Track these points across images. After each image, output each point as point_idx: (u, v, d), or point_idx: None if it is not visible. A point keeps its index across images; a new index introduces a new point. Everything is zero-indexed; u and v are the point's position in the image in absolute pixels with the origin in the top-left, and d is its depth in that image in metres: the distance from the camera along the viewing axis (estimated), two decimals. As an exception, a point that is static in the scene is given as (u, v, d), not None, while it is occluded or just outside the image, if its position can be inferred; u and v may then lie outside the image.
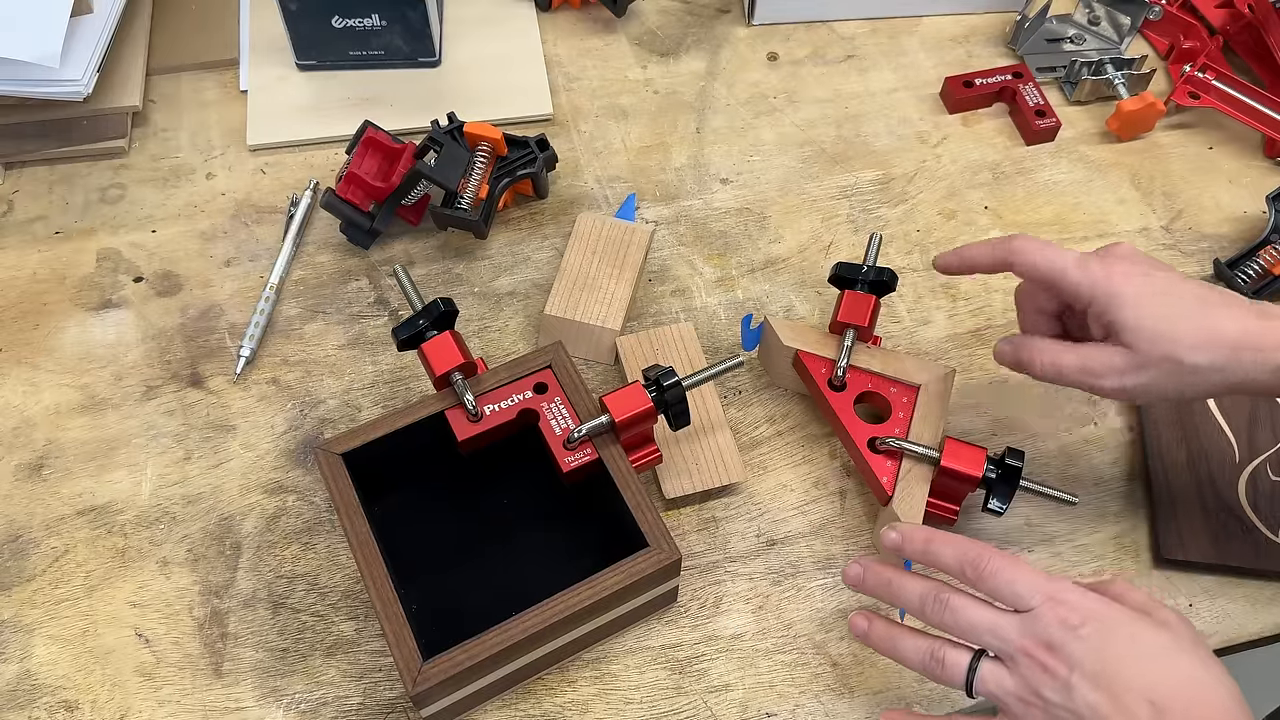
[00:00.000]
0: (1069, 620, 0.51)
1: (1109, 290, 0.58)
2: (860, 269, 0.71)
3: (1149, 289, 0.58)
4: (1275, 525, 0.69)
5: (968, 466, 0.64)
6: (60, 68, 0.81)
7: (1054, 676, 0.51)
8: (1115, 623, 0.51)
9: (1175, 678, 0.50)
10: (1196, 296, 0.58)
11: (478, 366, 0.65)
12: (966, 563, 0.55)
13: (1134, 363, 0.58)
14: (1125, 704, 0.49)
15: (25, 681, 0.64)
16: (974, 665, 0.54)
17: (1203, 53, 0.93)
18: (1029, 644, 0.52)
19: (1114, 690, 0.49)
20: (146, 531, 0.69)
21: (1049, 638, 0.51)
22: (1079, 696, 0.50)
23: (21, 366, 0.76)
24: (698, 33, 0.98)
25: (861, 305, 0.70)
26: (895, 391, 0.69)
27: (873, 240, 0.73)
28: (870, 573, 0.59)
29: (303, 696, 0.63)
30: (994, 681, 0.53)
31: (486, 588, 0.66)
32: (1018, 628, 0.52)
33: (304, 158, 0.88)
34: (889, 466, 0.67)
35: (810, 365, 0.71)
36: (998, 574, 0.54)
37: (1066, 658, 0.51)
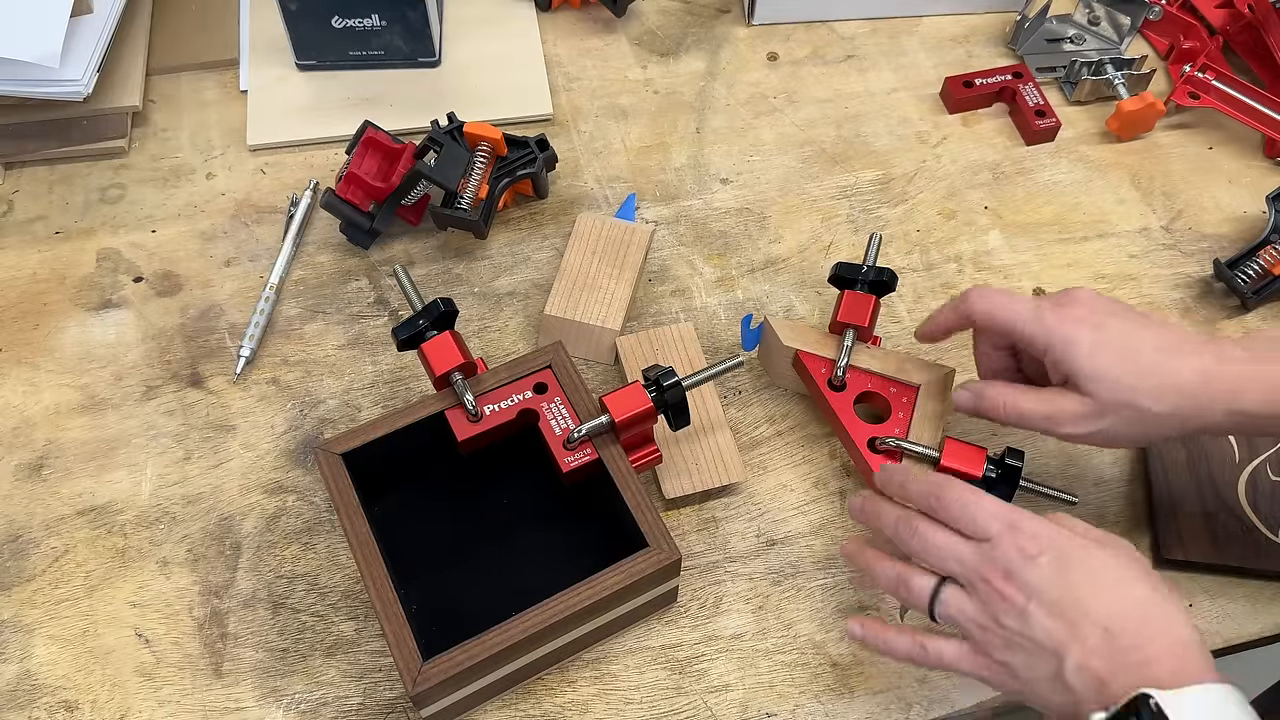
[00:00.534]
0: (1026, 549, 0.53)
1: (1065, 339, 0.59)
2: (860, 269, 0.71)
3: (1105, 338, 0.59)
4: (1275, 525, 0.69)
5: (968, 466, 0.65)
6: (60, 68, 0.81)
7: (1011, 604, 0.52)
8: (1070, 551, 0.53)
9: (1127, 603, 0.51)
10: (1155, 345, 0.59)
11: (478, 366, 0.65)
12: (930, 494, 0.57)
13: (1093, 410, 0.59)
14: (1080, 630, 0.50)
15: (25, 681, 0.64)
16: (938, 590, 0.56)
17: (1203, 53, 0.93)
18: (987, 571, 0.54)
19: (1069, 617, 0.51)
20: (146, 531, 0.69)
21: (1007, 566, 0.53)
22: (1035, 623, 0.51)
23: (21, 366, 0.76)
24: (698, 33, 0.98)
25: (861, 305, 0.70)
26: (895, 391, 0.69)
27: (872, 240, 0.73)
28: (868, 502, 0.62)
29: (303, 696, 0.63)
30: (955, 606, 0.55)
31: (486, 588, 0.66)
32: (977, 555, 0.54)
33: (304, 158, 0.88)
34: None
35: (810, 365, 0.71)
36: (957, 503, 0.56)
37: (1023, 585, 0.52)
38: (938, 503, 0.57)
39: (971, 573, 0.54)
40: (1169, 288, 0.82)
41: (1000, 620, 0.53)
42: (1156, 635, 0.50)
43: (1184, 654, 0.49)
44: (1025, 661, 0.52)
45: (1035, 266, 0.83)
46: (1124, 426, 0.59)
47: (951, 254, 0.84)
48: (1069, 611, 0.51)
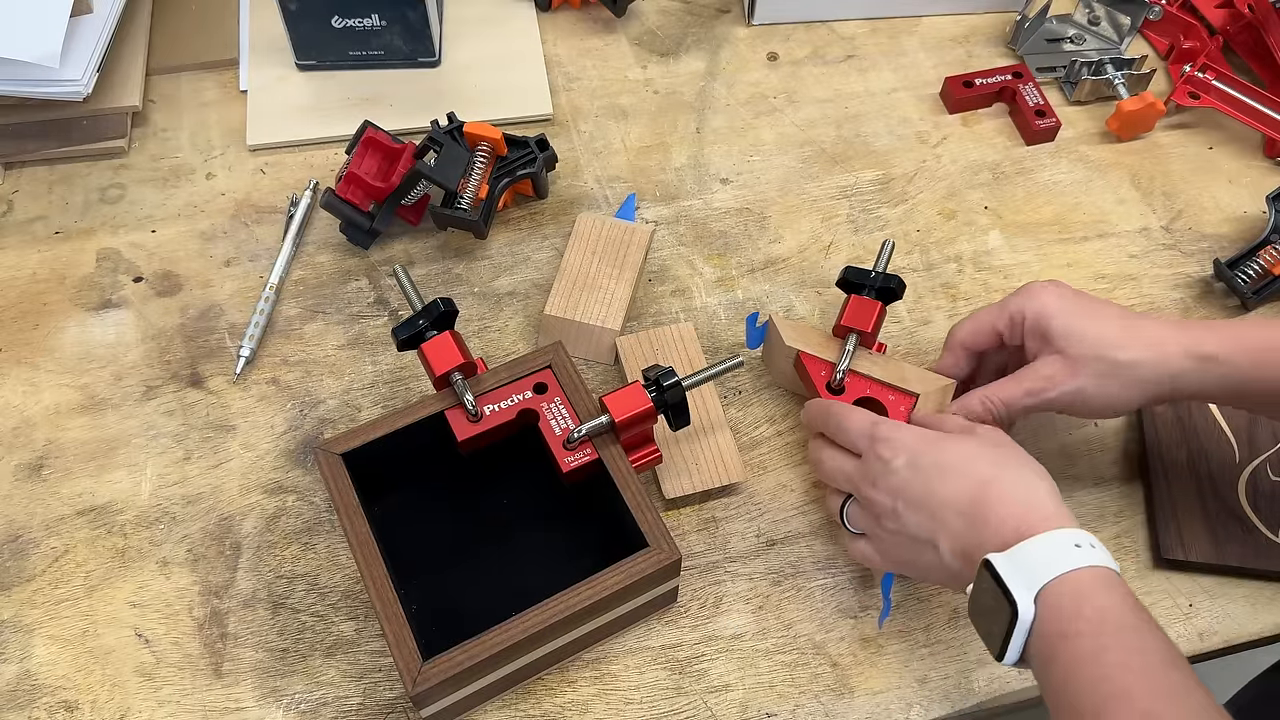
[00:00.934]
0: (885, 456, 0.59)
1: (1037, 308, 0.64)
2: (869, 274, 0.71)
3: (1073, 304, 0.64)
4: (1275, 525, 0.69)
5: None
6: (60, 68, 0.81)
7: (884, 508, 0.59)
8: (923, 449, 0.58)
9: (972, 484, 0.55)
10: (1118, 311, 0.63)
11: (478, 366, 0.65)
12: (816, 416, 0.65)
13: (1069, 368, 0.62)
14: (941, 518, 0.56)
15: (25, 681, 0.64)
16: (843, 505, 0.63)
17: (1203, 53, 0.93)
18: (861, 483, 0.60)
19: (930, 509, 0.56)
20: (146, 531, 0.69)
21: (873, 475, 0.59)
22: (907, 520, 0.57)
23: (21, 366, 0.76)
24: (698, 33, 0.98)
25: (867, 311, 0.70)
26: (893, 399, 0.69)
27: (884, 247, 0.73)
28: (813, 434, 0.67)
29: (303, 696, 0.63)
30: (854, 517, 0.63)
31: (486, 588, 0.66)
32: (854, 470, 0.61)
33: (304, 158, 0.88)
34: None
35: (810, 367, 0.71)
36: (833, 423, 0.63)
37: (889, 489, 0.58)
38: (825, 428, 0.64)
39: (853, 487, 0.61)
40: (1169, 288, 0.82)
41: (883, 523, 0.59)
42: (1000, 504, 0.54)
43: (1029, 513, 0.53)
44: (913, 555, 0.58)
45: (1035, 266, 0.83)
46: (1102, 382, 0.61)
47: (951, 254, 0.84)
48: (929, 504, 0.56)
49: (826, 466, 0.63)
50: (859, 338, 0.70)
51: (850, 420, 0.62)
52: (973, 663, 0.65)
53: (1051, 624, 0.50)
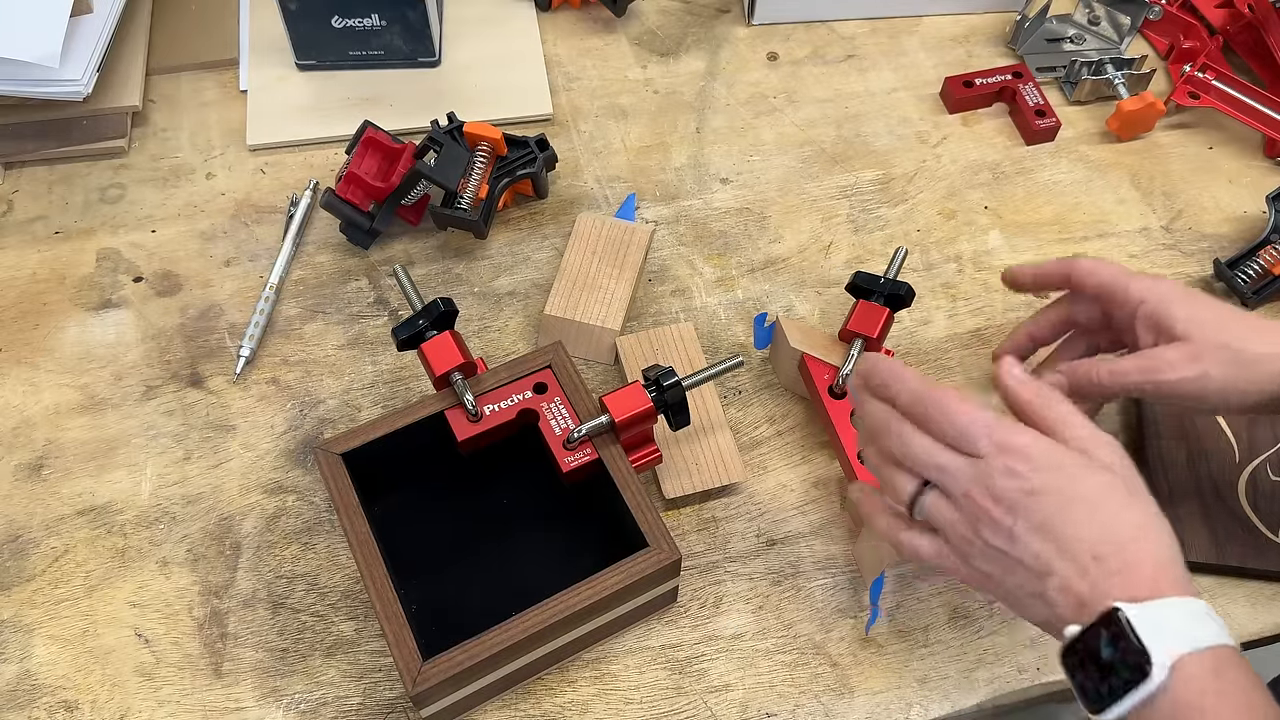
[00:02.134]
0: (1016, 469, 0.51)
1: (1162, 293, 0.61)
2: (878, 280, 0.71)
3: (1196, 296, 0.61)
4: (1275, 525, 0.69)
5: None
6: (60, 68, 0.81)
7: (998, 524, 0.51)
8: (1060, 470, 0.51)
9: (1116, 527, 0.50)
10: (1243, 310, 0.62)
11: (478, 366, 0.65)
12: (915, 400, 0.54)
13: (1190, 353, 0.59)
14: (1067, 553, 0.50)
15: (25, 681, 0.64)
16: (919, 493, 0.54)
17: (1203, 53, 0.93)
18: (974, 489, 0.52)
19: (1057, 540, 0.50)
20: (146, 531, 0.69)
21: (993, 487, 0.51)
22: (1022, 547, 0.51)
23: (21, 366, 0.76)
24: (698, 33, 0.98)
25: (874, 316, 0.70)
26: None
27: (897, 254, 0.73)
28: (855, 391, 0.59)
29: (303, 696, 0.63)
30: (937, 509, 0.54)
31: (486, 588, 0.66)
32: (964, 472, 0.52)
33: (304, 158, 0.88)
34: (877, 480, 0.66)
35: (814, 370, 0.70)
36: (943, 417, 0.53)
37: (1011, 507, 0.51)
38: (923, 412, 0.54)
39: (956, 486, 0.53)
40: (1169, 288, 0.82)
41: (983, 535, 0.52)
42: (1141, 557, 0.50)
43: (1161, 573, 0.49)
44: (1005, 575, 0.52)
45: (1035, 266, 0.83)
46: (1223, 370, 0.58)
47: (951, 254, 0.84)
48: (1057, 534, 0.50)
49: (913, 448, 0.54)
50: (864, 343, 0.70)
51: (962, 414, 0.53)
52: (973, 663, 0.65)
53: (1185, 694, 0.46)
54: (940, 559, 0.55)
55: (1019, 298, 0.81)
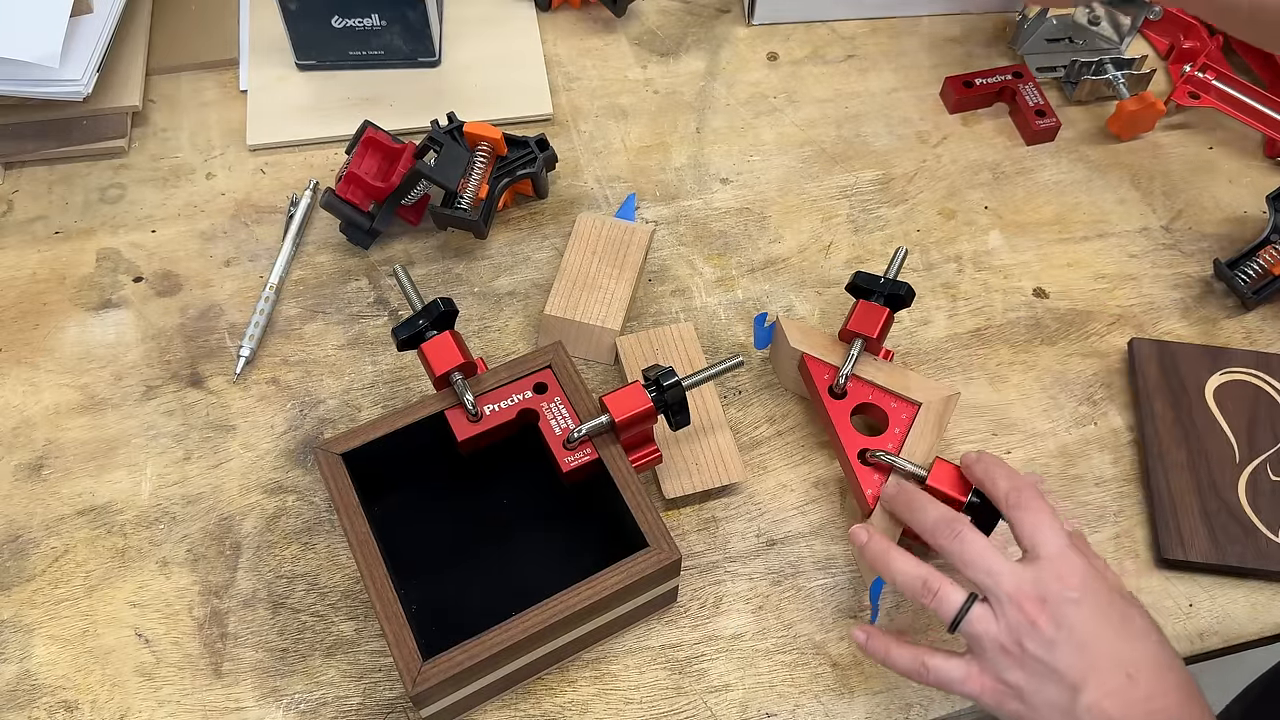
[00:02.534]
0: (1067, 581, 0.54)
1: None
2: (878, 280, 0.71)
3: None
4: (1275, 525, 0.69)
5: (953, 490, 0.63)
6: (60, 68, 0.81)
7: (1040, 630, 0.53)
8: (1104, 593, 0.54)
9: (1146, 655, 0.53)
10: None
11: (478, 366, 0.65)
12: (1012, 499, 0.58)
13: None
14: (1101, 669, 0.52)
15: (25, 681, 0.64)
16: (967, 605, 0.55)
17: (1203, 53, 0.93)
18: (1023, 593, 0.54)
19: (1093, 655, 0.52)
20: (146, 531, 0.69)
21: (1044, 592, 0.54)
22: (1060, 655, 0.52)
23: (21, 366, 0.76)
24: (698, 33, 0.98)
25: (873, 316, 0.70)
26: (895, 407, 0.69)
27: (897, 254, 0.73)
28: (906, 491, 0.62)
29: (303, 696, 0.63)
30: (982, 625, 0.55)
31: (486, 588, 0.66)
32: (1018, 574, 0.55)
33: (304, 158, 0.88)
34: (876, 480, 0.66)
35: (814, 370, 0.70)
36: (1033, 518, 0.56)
37: (1056, 614, 0.53)
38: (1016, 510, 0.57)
39: (1005, 591, 0.54)
40: (1169, 288, 0.82)
41: (1024, 644, 0.53)
42: (1171, 689, 0.52)
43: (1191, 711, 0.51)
44: (1037, 688, 0.53)
45: (1035, 266, 0.83)
46: None
47: (951, 254, 0.84)
48: (1094, 649, 0.52)
49: (973, 550, 0.56)
50: (864, 343, 0.70)
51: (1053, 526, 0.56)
52: (973, 663, 0.65)
53: None
54: (967, 682, 0.55)
55: (1019, 297, 0.81)
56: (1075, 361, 0.78)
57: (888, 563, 0.59)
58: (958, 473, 0.64)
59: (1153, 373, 0.75)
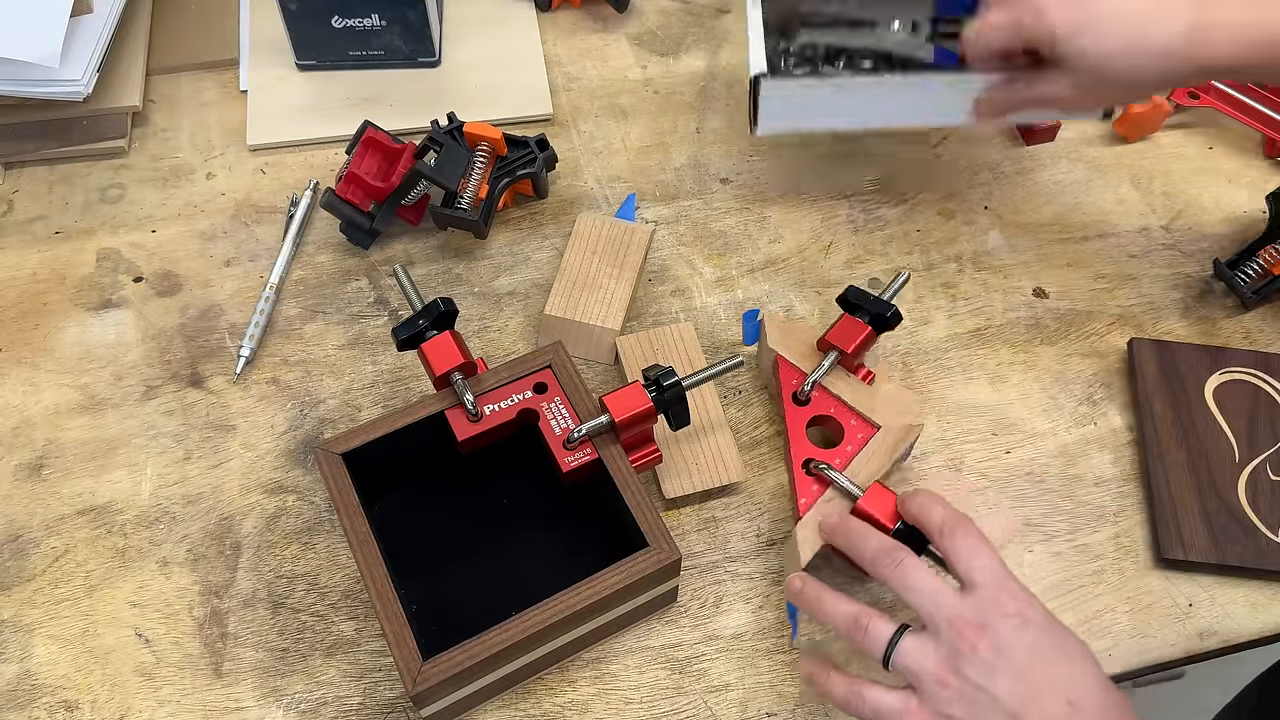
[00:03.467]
0: (1006, 607, 0.53)
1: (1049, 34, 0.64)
2: (869, 298, 0.70)
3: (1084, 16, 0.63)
4: (1275, 525, 0.69)
5: (882, 515, 0.62)
6: (60, 68, 0.81)
7: (980, 657, 0.52)
8: (1041, 620, 0.54)
9: (1085, 681, 0.52)
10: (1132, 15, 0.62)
11: (478, 366, 0.65)
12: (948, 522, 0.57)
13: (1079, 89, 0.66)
14: (1043, 697, 0.51)
15: (25, 681, 0.64)
16: (896, 638, 0.55)
17: (1203, 53, 0.92)
18: (963, 619, 0.53)
19: (1035, 682, 0.51)
20: (146, 531, 0.69)
21: (984, 618, 0.53)
22: (1000, 682, 0.51)
23: (21, 366, 0.76)
24: (698, 33, 0.98)
25: (854, 332, 0.69)
26: (854, 424, 0.68)
27: (897, 279, 0.72)
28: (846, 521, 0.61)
29: (303, 696, 0.63)
30: (914, 656, 0.54)
31: (486, 587, 0.66)
32: (958, 602, 0.54)
33: (304, 158, 0.88)
34: (813, 490, 0.66)
35: (784, 372, 0.70)
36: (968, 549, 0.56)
37: (996, 640, 0.52)
38: (949, 540, 0.56)
39: (945, 620, 0.53)
40: (1169, 287, 0.82)
41: (963, 671, 0.52)
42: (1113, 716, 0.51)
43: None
44: (978, 715, 0.51)
45: (1035, 266, 0.83)
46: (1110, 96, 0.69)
47: (951, 254, 0.84)
48: (1034, 676, 0.51)
49: (914, 577, 0.55)
50: (838, 356, 0.69)
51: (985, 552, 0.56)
52: (973, 663, 0.65)
53: None
54: (905, 715, 0.54)
55: (1019, 297, 0.81)
56: (1075, 361, 0.78)
57: (821, 606, 0.58)
58: (893, 501, 0.62)
59: (1152, 373, 0.75)
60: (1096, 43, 0.63)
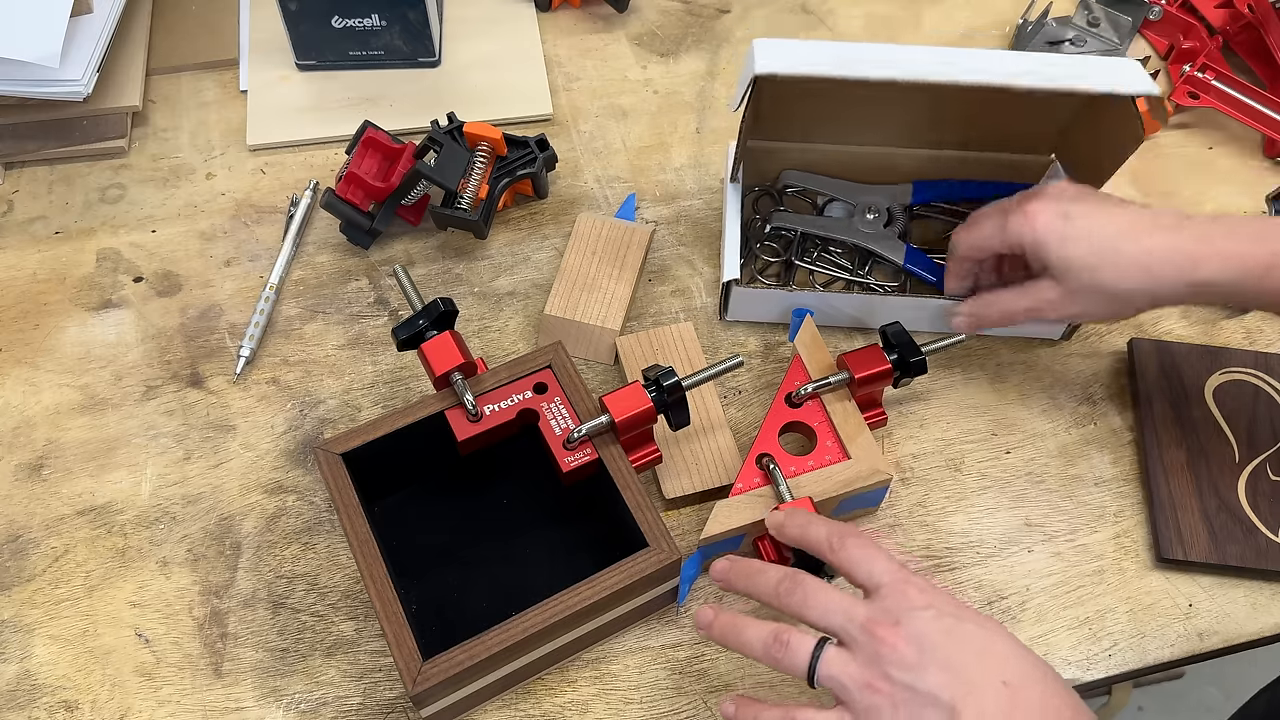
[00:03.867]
0: (915, 601, 0.52)
1: (1034, 240, 0.65)
2: (905, 340, 0.69)
3: (1071, 231, 0.64)
4: (1275, 525, 0.69)
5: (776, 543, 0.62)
6: (60, 68, 0.81)
7: (901, 656, 0.50)
8: (950, 604, 0.53)
9: (1016, 658, 0.51)
10: (1118, 230, 0.64)
11: (478, 366, 0.65)
12: (832, 536, 0.56)
13: (1067, 295, 0.65)
14: (976, 684, 0.49)
15: (25, 681, 0.64)
16: (818, 651, 0.52)
17: (1202, 53, 0.92)
18: (876, 623, 0.51)
19: (963, 670, 0.50)
20: (146, 531, 0.69)
21: (896, 615, 0.51)
22: (928, 677, 0.49)
23: (21, 366, 0.76)
24: (698, 33, 0.98)
25: (871, 361, 0.68)
26: (829, 445, 0.67)
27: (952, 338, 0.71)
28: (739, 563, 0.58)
29: (303, 696, 0.63)
30: (838, 666, 0.52)
31: (486, 587, 0.66)
32: (866, 607, 0.52)
33: (304, 158, 0.88)
34: (755, 483, 0.65)
35: (792, 371, 0.70)
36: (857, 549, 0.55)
37: (914, 636, 0.50)
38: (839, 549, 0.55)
39: (858, 627, 0.52)
40: (1169, 288, 0.82)
41: (889, 673, 0.50)
42: (1053, 695, 0.50)
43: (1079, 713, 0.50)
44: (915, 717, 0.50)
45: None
46: (1098, 305, 0.65)
47: (951, 254, 0.84)
48: (960, 663, 0.50)
49: (817, 598, 0.53)
50: (848, 378, 0.69)
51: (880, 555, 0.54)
52: (973, 663, 0.65)
53: None
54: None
55: (1019, 298, 0.81)
56: (1075, 361, 0.78)
57: (738, 633, 0.56)
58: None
59: (1152, 373, 0.75)
60: (1077, 249, 0.64)
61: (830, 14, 0.99)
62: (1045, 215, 0.65)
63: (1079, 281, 0.64)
